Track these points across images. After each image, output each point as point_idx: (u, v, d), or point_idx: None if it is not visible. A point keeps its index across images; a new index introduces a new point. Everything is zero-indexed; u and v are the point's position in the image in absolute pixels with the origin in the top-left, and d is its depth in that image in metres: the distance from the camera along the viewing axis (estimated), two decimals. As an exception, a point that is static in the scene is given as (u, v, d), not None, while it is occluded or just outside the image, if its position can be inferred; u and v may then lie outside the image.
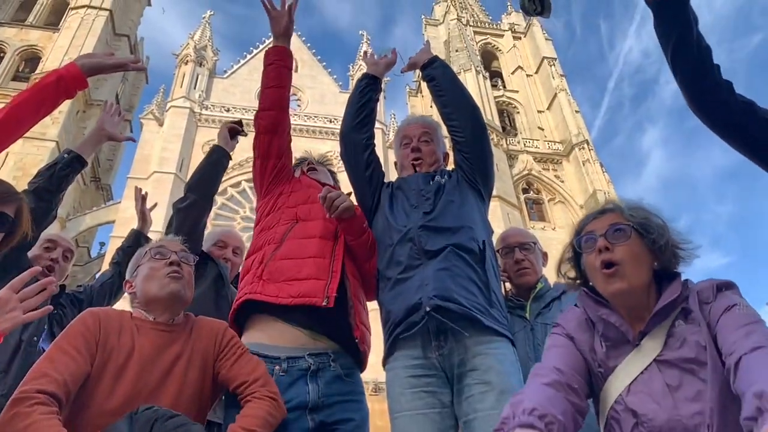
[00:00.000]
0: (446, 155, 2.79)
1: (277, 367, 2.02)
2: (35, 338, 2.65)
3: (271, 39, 2.81)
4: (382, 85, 3.02)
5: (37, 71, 28.43)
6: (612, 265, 1.53)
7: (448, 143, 2.73)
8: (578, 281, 1.72)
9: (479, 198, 2.53)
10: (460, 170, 2.55)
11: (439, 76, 2.74)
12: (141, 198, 3.50)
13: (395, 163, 2.87)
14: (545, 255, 3.07)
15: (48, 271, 2.94)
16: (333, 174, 2.98)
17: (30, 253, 2.87)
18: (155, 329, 1.95)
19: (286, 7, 2.68)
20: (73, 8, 31.67)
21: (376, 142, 2.78)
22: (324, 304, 2.08)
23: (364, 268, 2.41)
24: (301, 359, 2.05)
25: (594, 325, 1.61)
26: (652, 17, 1.73)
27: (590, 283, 1.65)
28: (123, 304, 2.44)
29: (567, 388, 1.44)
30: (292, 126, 2.50)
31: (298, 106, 34.06)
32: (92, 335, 1.82)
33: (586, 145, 33.49)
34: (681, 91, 1.74)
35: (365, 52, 2.80)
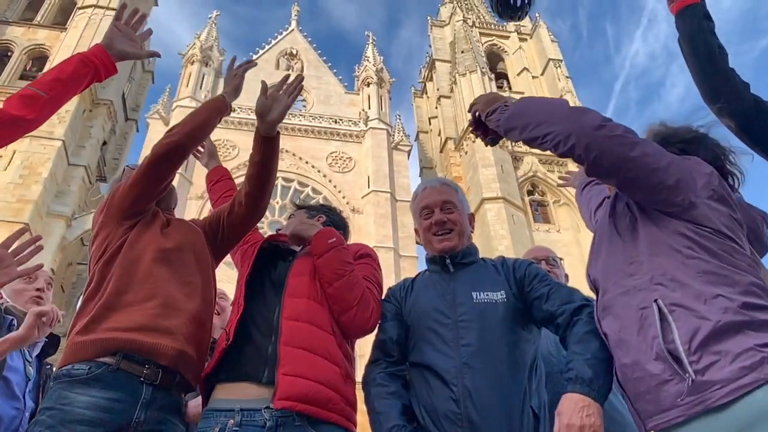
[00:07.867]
0: (471, 217, 2.43)
1: (230, 421, 1.75)
2: None
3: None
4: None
5: (44, 70, 28.51)
6: None
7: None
8: None
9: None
10: None
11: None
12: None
13: (415, 230, 2.49)
14: (567, 276, 3.42)
15: (38, 299, 2.82)
16: (308, 210, 2.66)
17: (9, 287, 2.70)
18: None
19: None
20: (80, 8, 31.75)
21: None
22: (226, 343, 1.90)
23: (341, 318, 2.06)
24: (258, 413, 1.76)
25: None
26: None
27: None
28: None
29: None
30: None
31: (304, 106, 34.06)
32: None
33: (591, 148, 33.36)
34: (698, 85, 1.83)
35: None
